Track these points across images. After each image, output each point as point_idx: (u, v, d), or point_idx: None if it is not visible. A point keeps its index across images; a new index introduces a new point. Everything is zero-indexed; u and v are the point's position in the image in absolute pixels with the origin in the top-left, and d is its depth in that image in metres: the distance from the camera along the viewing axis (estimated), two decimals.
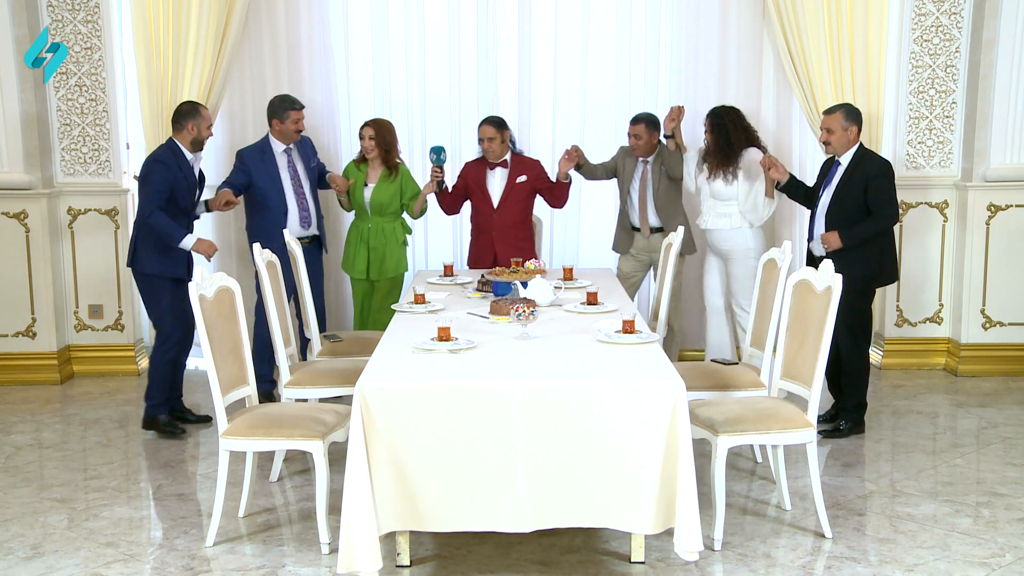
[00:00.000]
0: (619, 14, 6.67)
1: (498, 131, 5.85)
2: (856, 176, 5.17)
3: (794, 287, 4.23)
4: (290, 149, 5.88)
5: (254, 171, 5.77)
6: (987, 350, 6.48)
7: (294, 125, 5.81)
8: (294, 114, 5.80)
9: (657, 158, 5.97)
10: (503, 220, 5.92)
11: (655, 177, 5.96)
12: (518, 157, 5.99)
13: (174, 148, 5.38)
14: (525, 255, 5.81)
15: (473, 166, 6.03)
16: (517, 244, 5.91)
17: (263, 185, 5.78)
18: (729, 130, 5.82)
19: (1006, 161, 6.29)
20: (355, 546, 3.42)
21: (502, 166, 5.93)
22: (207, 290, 4.01)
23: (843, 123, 5.22)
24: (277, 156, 5.84)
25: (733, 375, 4.59)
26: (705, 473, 4.10)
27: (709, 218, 5.92)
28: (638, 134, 5.91)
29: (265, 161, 5.81)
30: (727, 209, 5.87)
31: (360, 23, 6.71)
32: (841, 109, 5.30)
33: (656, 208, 5.99)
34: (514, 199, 5.91)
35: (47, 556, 3.94)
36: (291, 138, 5.83)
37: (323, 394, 4.64)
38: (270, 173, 5.79)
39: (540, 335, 4.19)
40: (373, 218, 5.95)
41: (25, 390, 6.26)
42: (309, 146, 6.05)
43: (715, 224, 5.91)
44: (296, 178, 5.88)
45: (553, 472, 3.48)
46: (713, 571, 3.76)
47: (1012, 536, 4.05)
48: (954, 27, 6.35)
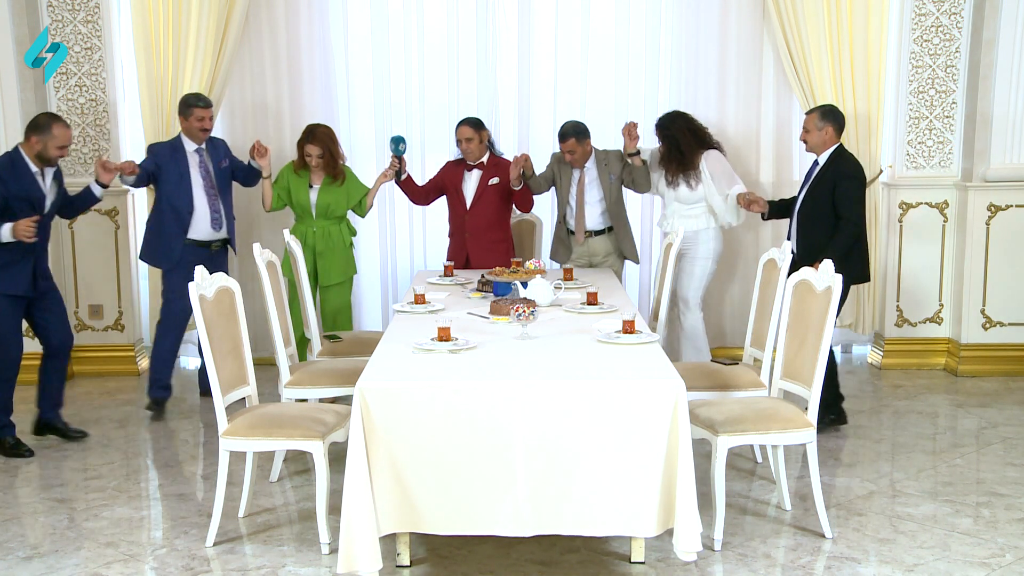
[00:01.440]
0: (619, 14, 6.67)
1: (476, 132, 5.86)
2: (828, 176, 5.24)
3: (794, 287, 4.23)
4: (202, 149, 5.71)
5: (163, 166, 5.62)
6: (987, 350, 6.48)
7: (198, 123, 5.61)
8: (198, 111, 5.60)
9: (600, 163, 5.95)
10: (475, 222, 5.92)
11: (604, 182, 5.94)
12: (495, 159, 5.98)
13: (15, 159, 4.94)
14: (498, 257, 5.83)
15: (452, 166, 6.05)
16: (490, 246, 5.90)
17: (170, 182, 5.62)
18: (679, 139, 5.84)
19: (1006, 161, 6.29)
20: (355, 546, 3.42)
21: (479, 168, 5.93)
22: (207, 290, 4.01)
23: (818, 123, 5.30)
24: (188, 155, 5.68)
25: (733, 375, 4.59)
26: (705, 473, 4.10)
27: (673, 220, 5.94)
28: (571, 149, 5.85)
29: (176, 159, 5.64)
30: (693, 211, 5.91)
31: (360, 23, 6.71)
32: (818, 110, 5.39)
33: (608, 212, 5.97)
34: (487, 201, 5.91)
35: (47, 556, 3.94)
36: (197, 137, 5.65)
37: (323, 394, 4.64)
38: (180, 171, 5.63)
39: (540, 335, 4.19)
40: (318, 221, 5.86)
41: (25, 390, 6.23)
42: (221, 147, 5.89)
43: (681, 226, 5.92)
44: (208, 178, 5.70)
45: (553, 472, 3.47)
46: (713, 571, 3.76)
47: (1012, 536, 4.05)
48: (954, 27, 6.36)
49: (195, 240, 5.67)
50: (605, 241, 5.99)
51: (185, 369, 6.88)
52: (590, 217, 5.95)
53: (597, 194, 5.94)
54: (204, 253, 5.64)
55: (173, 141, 5.73)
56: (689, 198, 5.87)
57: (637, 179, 5.92)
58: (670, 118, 5.93)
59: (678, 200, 5.90)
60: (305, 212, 5.86)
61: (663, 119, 5.94)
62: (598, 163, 5.93)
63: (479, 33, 6.68)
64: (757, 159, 6.72)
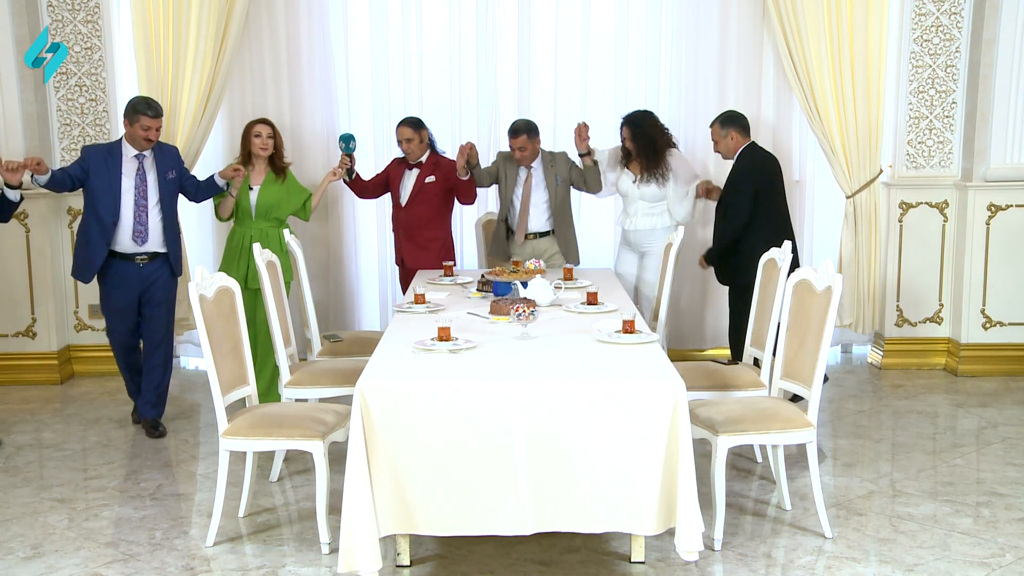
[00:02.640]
0: (619, 14, 6.67)
1: (415, 132, 5.86)
2: (728, 176, 5.67)
3: (794, 287, 4.23)
4: (143, 156, 5.29)
5: (93, 171, 5.24)
6: (987, 350, 6.48)
7: (143, 132, 5.21)
8: (145, 120, 5.20)
9: (547, 164, 5.95)
10: (409, 220, 5.94)
11: (550, 184, 5.94)
12: (435, 157, 5.97)
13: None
14: (432, 257, 5.84)
15: (396, 164, 6.07)
16: (423, 244, 5.90)
17: (97, 188, 5.23)
18: (654, 136, 5.90)
19: (1006, 161, 6.29)
20: (355, 546, 3.42)
21: (418, 167, 5.93)
22: (207, 290, 4.01)
23: (720, 132, 5.66)
24: (125, 161, 5.26)
25: (733, 375, 4.59)
26: (705, 473, 4.10)
27: (636, 219, 5.98)
28: (523, 146, 5.85)
29: (109, 165, 5.24)
30: (655, 210, 5.98)
31: (360, 23, 6.71)
32: (717, 121, 5.71)
33: (552, 213, 5.98)
34: (422, 199, 5.90)
35: (47, 556, 3.94)
36: (140, 145, 5.25)
37: (323, 394, 4.64)
38: (110, 178, 5.22)
39: (540, 335, 4.19)
40: (257, 223, 5.64)
41: (25, 390, 6.26)
42: (172, 156, 5.47)
43: (644, 224, 5.98)
44: (142, 188, 5.26)
45: (553, 472, 3.47)
46: (713, 571, 3.76)
47: (1012, 536, 4.05)
48: (954, 27, 6.36)
49: (118, 253, 5.27)
50: (549, 242, 6.00)
51: (185, 369, 6.89)
52: (534, 218, 5.96)
53: (543, 195, 5.95)
54: (130, 268, 5.29)
55: (111, 145, 5.38)
56: (655, 196, 5.94)
57: (589, 179, 5.95)
58: (642, 115, 5.98)
59: (643, 199, 5.95)
60: (245, 214, 5.64)
61: (636, 117, 5.97)
62: (544, 164, 5.94)
63: (479, 33, 6.68)
64: None
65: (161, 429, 5.44)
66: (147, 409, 5.47)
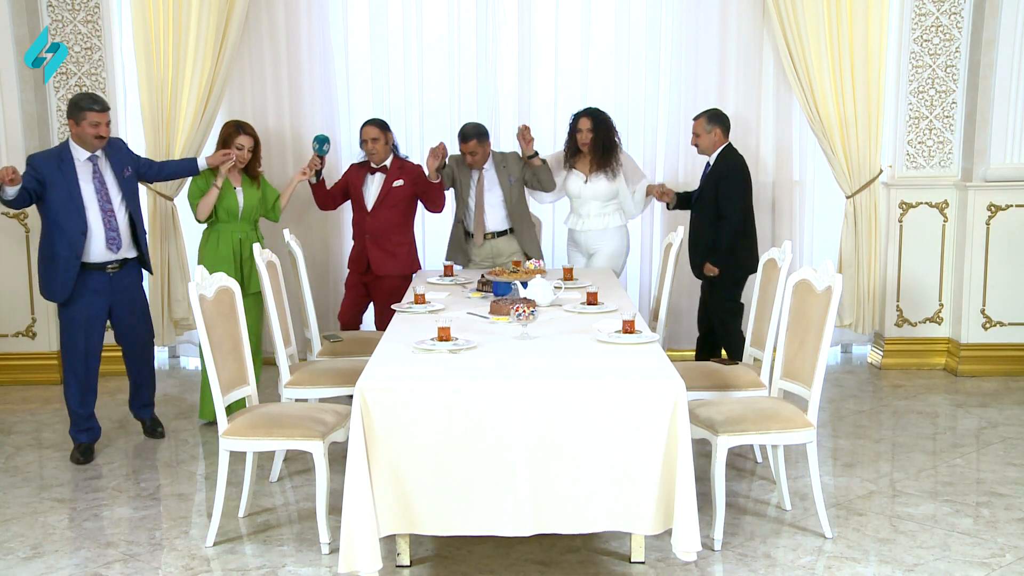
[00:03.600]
0: (619, 14, 6.67)
1: (382, 132, 5.77)
2: (714, 174, 5.65)
3: (794, 287, 4.23)
4: (96, 157, 4.92)
5: (48, 181, 4.82)
6: (987, 350, 6.48)
7: (92, 129, 4.82)
8: (92, 116, 4.81)
9: (499, 164, 5.94)
10: (376, 225, 5.78)
11: (504, 183, 5.94)
12: (399, 161, 5.87)
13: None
14: (400, 262, 5.79)
15: (355, 169, 5.93)
16: (391, 250, 5.79)
17: (57, 199, 4.82)
18: (612, 129, 5.95)
19: (1006, 161, 6.29)
20: (355, 546, 3.42)
21: (382, 171, 5.81)
22: (207, 290, 4.01)
23: (706, 127, 5.68)
24: (79, 165, 4.88)
25: (733, 375, 4.59)
26: (705, 473, 4.10)
27: (588, 220, 5.99)
28: (473, 151, 5.84)
29: (63, 171, 4.84)
30: (606, 209, 5.98)
31: (360, 23, 6.71)
32: (704, 115, 5.74)
33: (509, 213, 5.97)
34: (389, 204, 5.79)
35: (47, 556, 3.94)
36: (91, 145, 4.86)
37: (323, 394, 4.64)
38: (68, 185, 4.83)
39: (540, 335, 4.19)
40: (241, 225, 5.40)
41: (25, 390, 6.26)
42: (122, 151, 5.11)
43: (596, 225, 5.98)
44: (103, 192, 4.92)
45: (553, 472, 3.47)
46: (713, 571, 3.76)
47: (1012, 536, 4.05)
48: (954, 27, 6.36)
49: (87, 263, 4.92)
50: (508, 242, 6.00)
51: (185, 369, 6.89)
52: (491, 218, 5.96)
53: (498, 195, 5.95)
54: (100, 278, 4.97)
55: (59, 150, 4.93)
56: (606, 194, 5.94)
57: (541, 178, 5.95)
58: (600, 110, 6.01)
59: (595, 198, 5.96)
60: (231, 216, 5.36)
61: (595, 110, 6.00)
62: (496, 164, 5.95)
63: (479, 33, 6.67)
64: (756, 159, 6.71)
65: (161, 428, 5.41)
66: (144, 410, 5.41)
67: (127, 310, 5.13)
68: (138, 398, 5.40)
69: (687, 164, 6.73)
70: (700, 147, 5.75)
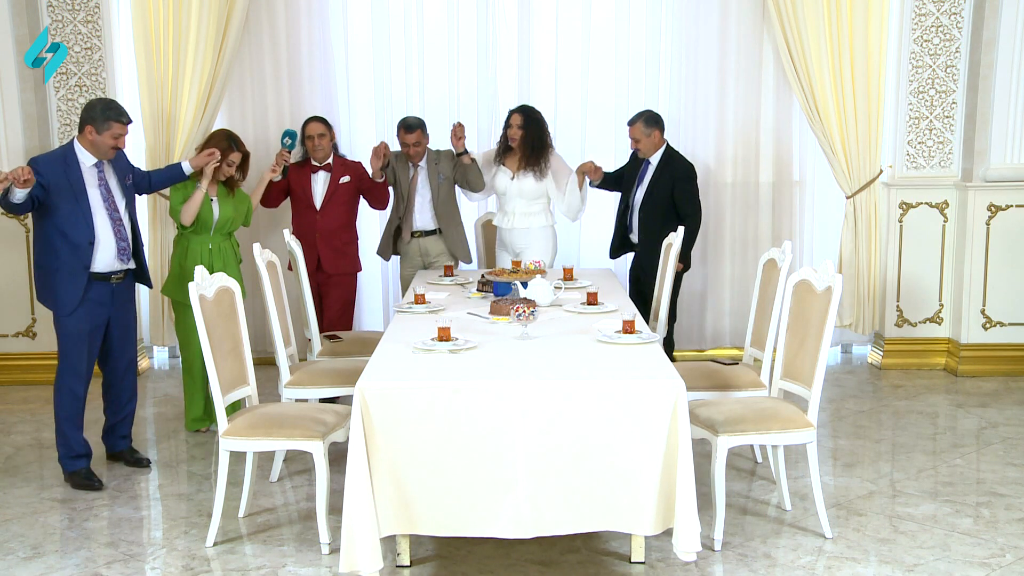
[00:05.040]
0: (619, 14, 6.67)
1: (327, 129, 5.75)
2: (665, 176, 5.78)
3: (794, 287, 4.23)
4: (102, 163, 4.67)
5: (53, 186, 4.52)
6: (987, 350, 6.48)
7: (113, 141, 4.61)
8: (117, 128, 4.61)
9: (431, 163, 5.92)
10: (327, 223, 5.73)
11: (433, 182, 5.92)
12: (341, 159, 5.85)
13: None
14: (351, 260, 5.77)
15: (295, 169, 5.81)
16: (341, 248, 5.76)
17: (63, 206, 4.54)
18: (544, 129, 5.93)
19: (1006, 161, 6.29)
20: (356, 546, 3.42)
21: (325, 169, 5.76)
22: (207, 290, 4.02)
23: (644, 131, 5.80)
24: (85, 171, 4.60)
25: (733, 375, 4.59)
26: (705, 473, 4.10)
27: (514, 218, 5.96)
28: (418, 141, 5.82)
29: (69, 176, 4.55)
30: (533, 208, 5.96)
31: (360, 23, 6.72)
32: (640, 118, 5.82)
33: (435, 212, 5.95)
34: (338, 201, 5.75)
35: (47, 556, 3.94)
36: (105, 154, 4.63)
37: (323, 394, 4.64)
38: (75, 192, 4.55)
39: (540, 335, 4.19)
40: (214, 237, 5.24)
41: (25, 390, 6.26)
42: (124, 160, 4.86)
43: (521, 223, 5.95)
44: (110, 200, 4.66)
45: (553, 472, 3.48)
46: (713, 571, 3.76)
47: (1012, 536, 4.05)
48: (954, 27, 6.36)
49: (95, 273, 4.64)
50: (435, 242, 5.98)
51: None
52: (419, 217, 5.94)
53: (427, 194, 5.93)
54: (104, 289, 4.68)
55: (63, 154, 4.62)
56: (532, 192, 5.91)
57: (470, 178, 5.93)
58: (534, 108, 6.00)
59: (521, 196, 5.93)
60: (204, 227, 5.19)
61: (528, 107, 6.00)
62: (429, 162, 5.93)
63: (479, 32, 6.68)
64: (757, 159, 6.73)
65: (146, 459, 4.97)
66: (122, 442, 4.97)
67: (120, 325, 4.83)
68: (120, 427, 4.96)
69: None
70: (642, 151, 5.83)
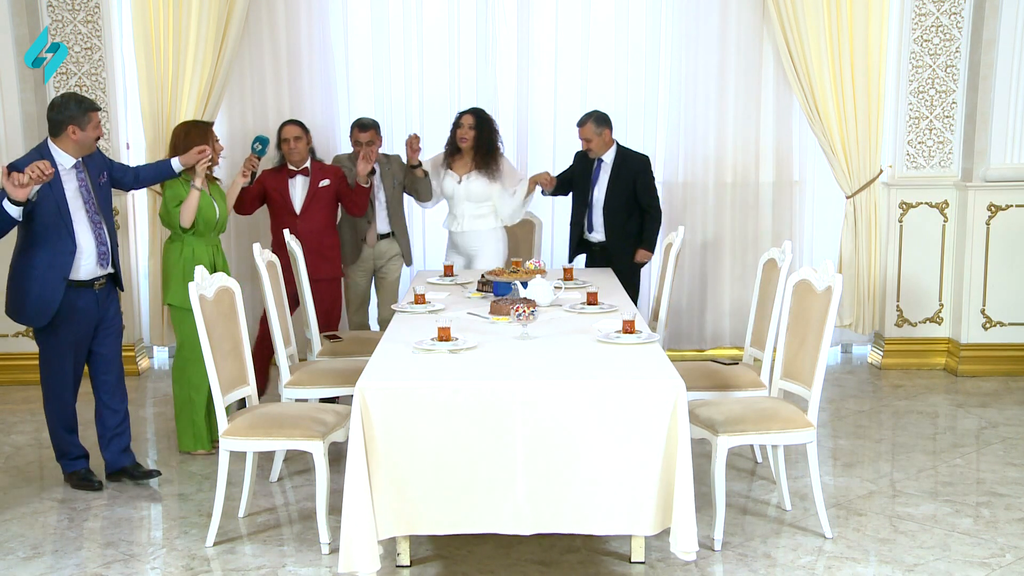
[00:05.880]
0: (619, 14, 6.67)
1: (304, 132, 5.66)
2: (624, 173, 5.87)
3: (794, 287, 4.23)
4: (79, 163, 4.39)
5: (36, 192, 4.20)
6: (987, 350, 6.48)
7: (95, 131, 4.38)
8: (96, 116, 4.38)
9: (383, 166, 5.91)
10: (307, 227, 5.56)
11: (388, 185, 5.92)
12: (318, 164, 5.75)
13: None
14: (333, 265, 5.71)
15: (271, 174, 5.69)
16: (323, 252, 5.64)
17: (44, 214, 4.26)
18: (494, 131, 5.93)
19: (1006, 161, 6.29)
20: (355, 546, 3.42)
21: (303, 173, 5.64)
22: (207, 290, 4.01)
23: (595, 130, 5.84)
24: (64, 174, 4.32)
25: (733, 375, 4.59)
26: (705, 473, 4.10)
27: (463, 221, 5.96)
28: (371, 140, 5.78)
29: (50, 182, 4.21)
30: (482, 211, 5.95)
31: (360, 24, 6.72)
32: (590, 118, 5.86)
33: (389, 215, 5.95)
34: (318, 206, 5.63)
35: (47, 556, 3.94)
36: (90, 148, 4.40)
37: (323, 394, 4.64)
38: (55, 198, 4.27)
39: (540, 335, 4.19)
40: (216, 238, 5.10)
41: (25, 390, 6.25)
42: (98, 155, 4.57)
43: (471, 226, 5.95)
44: (91, 202, 4.41)
45: (553, 472, 3.48)
46: (713, 571, 3.76)
47: (1012, 536, 4.05)
48: (954, 27, 6.36)
49: (76, 280, 4.40)
50: (390, 244, 5.98)
51: None
52: (379, 220, 5.93)
53: (382, 199, 5.93)
54: (88, 296, 4.44)
55: (41, 156, 4.28)
56: (480, 195, 5.90)
57: (419, 189, 5.95)
58: (484, 111, 6.00)
59: (468, 199, 5.92)
60: (208, 227, 4.99)
61: (479, 109, 6.00)
62: (381, 166, 5.92)
63: (479, 32, 6.68)
64: (757, 159, 6.72)
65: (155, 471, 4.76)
66: (123, 457, 4.72)
67: (106, 333, 4.60)
68: (120, 439, 4.73)
69: (687, 163, 6.74)
70: (593, 151, 5.87)
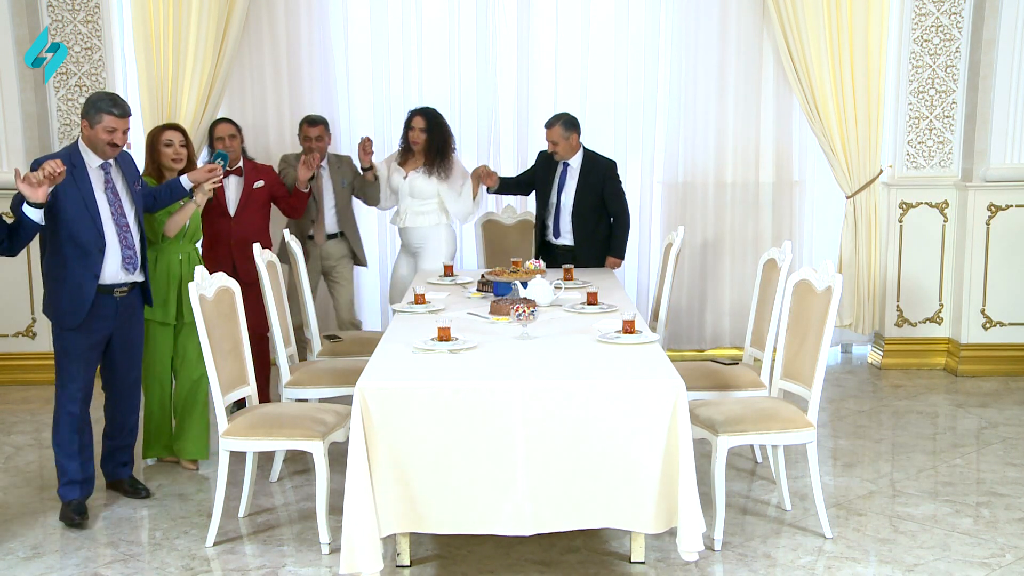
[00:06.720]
0: (619, 14, 6.67)
1: (238, 130, 5.57)
2: (592, 177, 5.82)
3: (794, 287, 4.23)
4: (108, 165, 4.26)
5: (60, 189, 4.08)
6: (987, 350, 6.48)
7: (106, 136, 4.16)
8: (109, 120, 4.15)
9: (333, 166, 5.91)
10: (241, 230, 5.36)
11: (336, 185, 5.92)
12: (252, 163, 5.64)
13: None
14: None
15: None
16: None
17: (71, 209, 4.13)
18: (448, 132, 5.94)
19: (1006, 161, 6.29)
20: (356, 546, 3.42)
21: (236, 173, 5.46)
22: (207, 290, 4.02)
23: (563, 133, 5.79)
24: (91, 172, 4.21)
25: (733, 375, 4.59)
26: (705, 473, 4.10)
27: (407, 217, 5.97)
28: (320, 136, 5.81)
29: (75, 176, 4.14)
30: (425, 207, 5.95)
31: (360, 24, 6.72)
32: (559, 121, 5.81)
33: (338, 215, 5.95)
34: (252, 208, 5.46)
35: (47, 556, 3.94)
36: (103, 152, 4.20)
37: (323, 394, 4.64)
38: (82, 194, 4.15)
39: (540, 335, 4.19)
40: (184, 246, 4.82)
41: (25, 390, 6.26)
42: (132, 164, 4.46)
43: (414, 223, 5.95)
44: (117, 204, 4.27)
45: (553, 472, 3.48)
46: (713, 571, 3.77)
47: (1012, 536, 4.05)
48: (954, 27, 6.36)
49: (99, 284, 4.25)
50: (338, 245, 5.98)
51: None
52: (327, 220, 5.92)
53: (330, 199, 5.92)
54: (108, 303, 4.28)
55: (68, 153, 4.21)
56: (424, 192, 5.91)
57: (369, 193, 5.98)
58: (436, 111, 5.99)
59: (412, 195, 5.93)
60: (180, 235, 4.77)
61: (430, 109, 5.99)
62: (331, 165, 5.92)
63: (479, 32, 6.68)
64: (757, 159, 6.72)
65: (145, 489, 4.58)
66: (122, 469, 4.61)
67: (124, 344, 4.43)
68: (121, 453, 4.61)
69: (687, 163, 6.74)
70: (560, 154, 5.82)
